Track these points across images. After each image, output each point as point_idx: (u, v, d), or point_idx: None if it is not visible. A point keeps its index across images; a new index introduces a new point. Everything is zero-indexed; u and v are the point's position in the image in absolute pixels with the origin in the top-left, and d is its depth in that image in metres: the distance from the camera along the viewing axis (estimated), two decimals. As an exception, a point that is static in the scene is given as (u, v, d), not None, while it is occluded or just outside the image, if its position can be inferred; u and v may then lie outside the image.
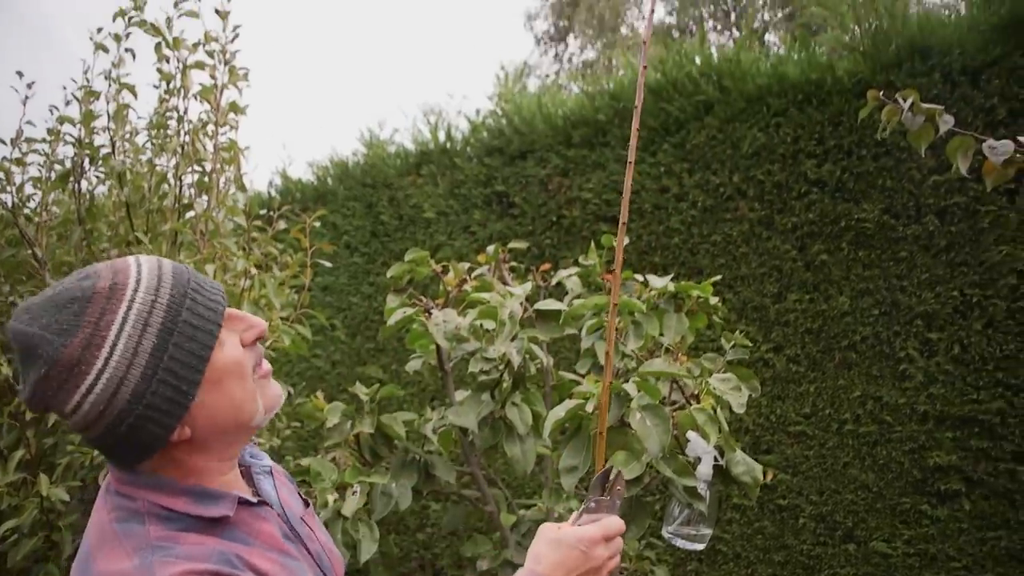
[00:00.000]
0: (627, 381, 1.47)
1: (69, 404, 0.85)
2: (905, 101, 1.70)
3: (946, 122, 1.65)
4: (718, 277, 2.25)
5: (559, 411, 1.44)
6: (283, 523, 0.99)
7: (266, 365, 0.97)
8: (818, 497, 3.06)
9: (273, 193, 4.74)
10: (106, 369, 0.84)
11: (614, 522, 1.08)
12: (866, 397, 2.98)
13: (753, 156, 3.22)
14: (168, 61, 2.57)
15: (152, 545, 0.84)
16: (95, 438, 0.87)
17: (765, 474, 1.62)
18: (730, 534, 3.21)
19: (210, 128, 2.43)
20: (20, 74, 2.62)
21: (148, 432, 0.86)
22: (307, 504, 1.11)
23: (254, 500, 0.96)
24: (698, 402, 1.57)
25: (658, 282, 1.96)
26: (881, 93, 1.75)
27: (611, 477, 1.10)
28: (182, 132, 2.45)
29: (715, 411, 1.51)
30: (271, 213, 2.50)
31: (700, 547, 1.54)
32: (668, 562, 3.24)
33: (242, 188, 2.41)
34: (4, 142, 2.69)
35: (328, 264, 2.52)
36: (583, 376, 1.83)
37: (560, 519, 2.17)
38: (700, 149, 3.33)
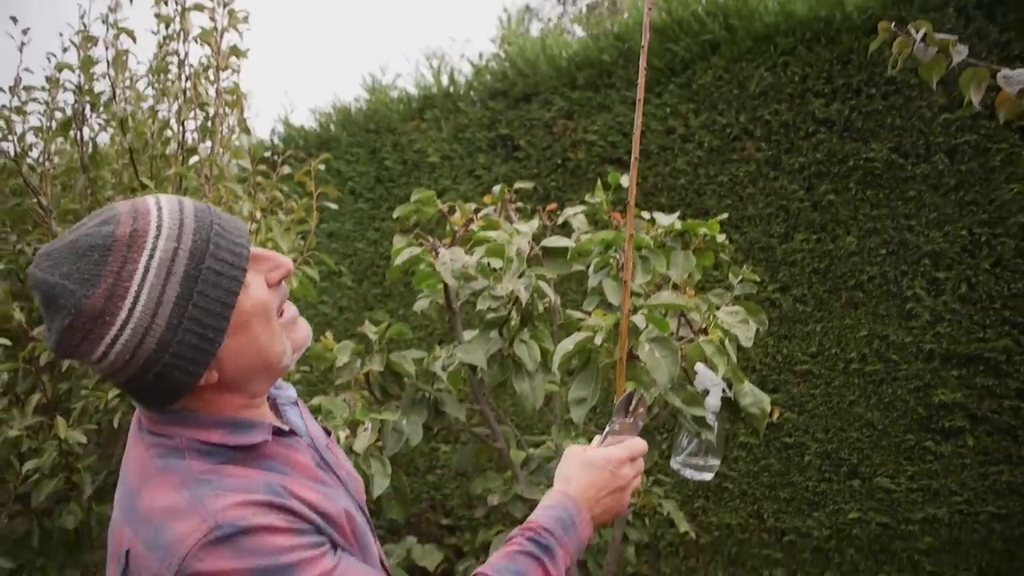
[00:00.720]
0: (635, 314, 1.48)
1: (95, 353, 0.84)
2: (917, 32, 1.67)
3: (959, 52, 1.62)
4: (725, 215, 2.24)
5: (567, 344, 1.46)
6: (314, 452, 1.01)
7: (292, 309, 0.96)
8: (824, 435, 3.09)
9: (275, 141, 4.71)
10: (130, 320, 0.83)
11: (638, 443, 1.10)
12: (872, 336, 2.99)
13: (760, 96, 3.17)
14: (166, 3, 2.53)
15: (198, 479, 0.85)
16: (123, 383, 0.88)
17: (771, 412, 1.64)
18: (736, 471, 3.26)
19: (211, 72, 2.40)
20: (15, 19, 2.59)
21: (175, 379, 0.86)
22: (328, 433, 1.13)
23: (286, 428, 0.97)
24: (706, 335, 1.58)
25: (665, 220, 1.95)
26: (892, 25, 1.72)
27: (633, 400, 1.12)
28: (183, 76, 2.42)
29: (723, 343, 1.52)
30: (275, 158, 2.49)
31: (708, 477, 1.57)
32: (675, 499, 3.30)
33: (246, 131, 2.40)
34: (3, 90, 2.66)
35: (334, 206, 2.51)
36: (590, 314, 1.84)
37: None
38: (706, 89, 3.29)
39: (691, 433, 1.53)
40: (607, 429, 1.13)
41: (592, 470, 1.06)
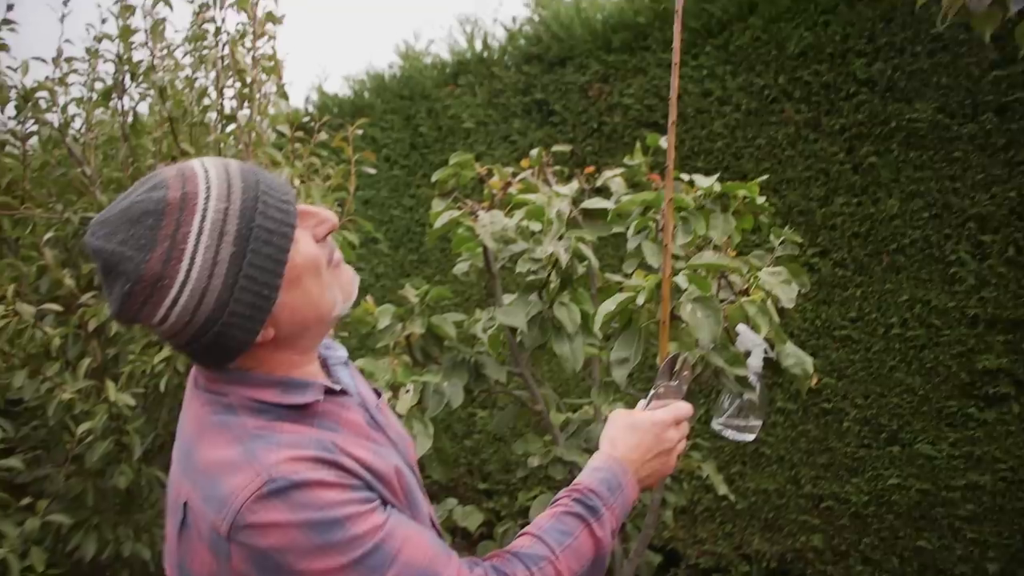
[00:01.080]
0: (677, 275, 1.47)
1: (156, 317, 0.87)
2: (970, -18, 1.62)
3: (1017, 2, 1.56)
4: (765, 177, 2.21)
5: (609, 304, 1.46)
6: (364, 412, 1.02)
7: (337, 253, 0.98)
8: (863, 400, 3.06)
9: (310, 109, 4.73)
10: (188, 282, 0.85)
11: (683, 406, 1.10)
12: (914, 301, 2.94)
13: (799, 56, 3.11)
14: (202, -29, 2.54)
15: (252, 434, 0.87)
16: (183, 344, 0.90)
17: (810, 378, 1.63)
18: (774, 437, 3.25)
19: (248, 39, 2.42)
20: (56, -9, 2.62)
21: (234, 336, 0.88)
22: (379, 395, 1.14)
23: (337, 388, 0.98)
24: (747, 297, 1.57)
25: (704, 181, 1.93)
26: (943, -24, 1.67)
27: (678, 363, 1.12)
28: (220, 44, 2.44)
29: (765, 304, 1.51)
30: (313, 124, 2.50)
31: (750, 438, 1.57)
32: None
33: (284, 96, 2.41)
34: (45, 61, 2.71)
35: (372, 171, 2.52)
36: (629, 277, 1.83)
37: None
38: (744, 51, 3.22)
39: (733, 394, 1.53)
40: (651, 392, 1.12)
41: (637, 433, 1.06)
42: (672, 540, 3.53)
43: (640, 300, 1.46)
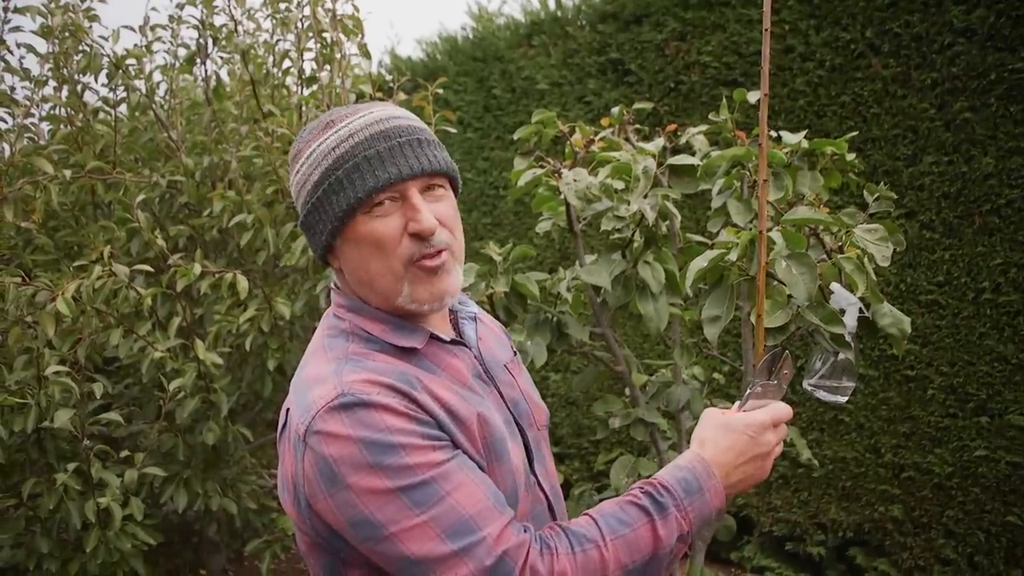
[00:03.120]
0: (771, 231, 1.43)
1: (290, 182, 1.05)
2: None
3: None
4: (855, 133, 2.12)
5: (701, 261, 1.43)
6: (477, 364, 1.05)
7: (433, 262, 0.97)
8: (949, 368, 2.95)
9: (383, 73, 4.75)
10: (298, 173, 1.01)
11: (782, 407, 1.04)
12: (1008, 264, 2.81)
13: (890, 7, 2.96)
14: (281, -66, 2.55)
15: (348, 357, 0.97)
16: (300, 217, 1.03)
17: (906, 338, 1.57)
18: (854, 404, 3.16)
19: (328, 1, 2.43)
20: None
21: (313, 229, 1.00)
22: (515, 353, 1.19)
23: (447, 339, 1.02)
24: (842, 254, 1.52)
25: (792, 138, 1.86)
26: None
27: (778, 361, 1.05)
28: (301, 4, 2.46)
29: (861, 261, 1.46)
30: (392, 84, 2.51)
31: (843, 400, 1.52)
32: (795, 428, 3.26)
33: (367, 55, 2.42)
34: (133, 29, 2.78)
35: (453, 130, 2.53)
36: (715, 236, 1.79)
37: (688, 382, 2.18)
38: (829, 3, 3.09)
39: (826, 353, 1.48)
40: (747, 391, 1.06)
41: (730, 434, 1.00)
42: (746, 507, 3.49)
43: (733, 256, 1.43)
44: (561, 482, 2.49)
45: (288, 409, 0.97)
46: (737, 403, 1.07)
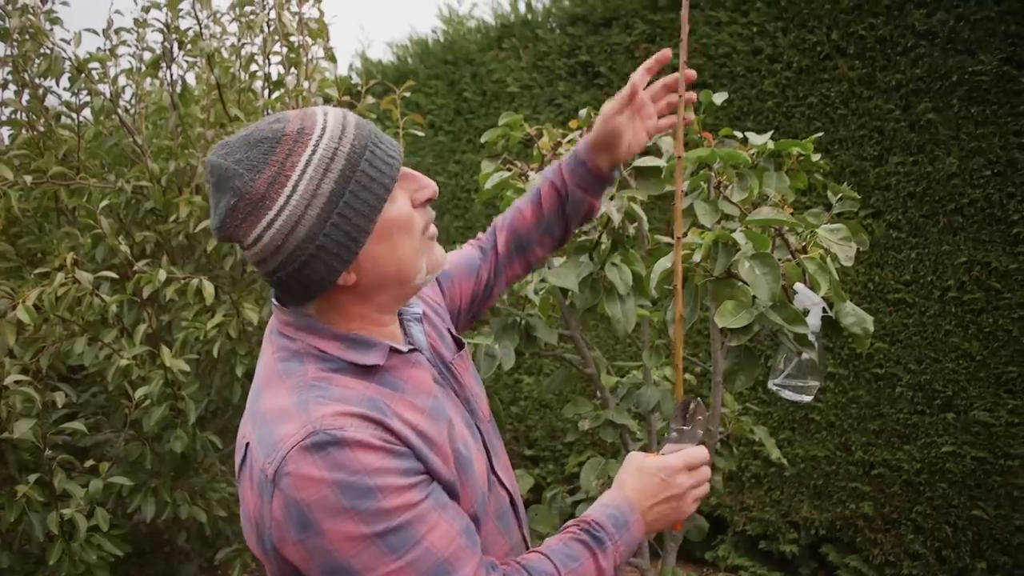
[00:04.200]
0: (734, 231, 1.44)
1: (251, 236, 0.90)
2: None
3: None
4: (820, 134, 2.15)
5: (665, 262, 1.43)
6: (433, 367, 1.04)
7: (432, 229, 0.99)
8: (916, 366, 2.99)
9: (353, 76, 4.73)
10: (287, 206, 0.88)
11: (696, 451, 1.10)
12: (972, 263, 2.85)
13: (854, 10, 3.00)
14: (246, -64, 2.53)
15: (310, 384, 0.90)
16: (270, 272, 0.93)
17: (869, 337, 1.58)
18: (824, 403, 3.20)
19: (294, 3, 2.41)
20: (105, -40, 2.64)
21: (317, 272, 0.90)
22: (460, 346, 1.16)
23: (405, 349, 0.99)
24: (805, 254, 1.53)
25: (758, 139, 1.88)
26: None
27: (692, 407, 1.13)
28: (266, 8, 2.44)
29: (825, 261, 1.47)
30: (359, 89, 2.49)
31: (807, 399, 1.54)
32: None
33: (332, 59, 2.40)
34: (97, 33, 2.74)
35: (421, 134, 2.52)
36: (683, 236, 1.80)
37: (659, 384, 2.19)
38: (796, 6, 3.12)
39: (791, 353, 1.50)
40: (666, 437, 1.14)
41: (644, 477, 1.07)
42: (719, 507, 3.51)
43: (696, 257, 1.43)
44: (533, 485, 2.50)
45: (248, 443, 0.91)
46: (656, 449, 1.14)
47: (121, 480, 2.38)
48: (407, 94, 2.41)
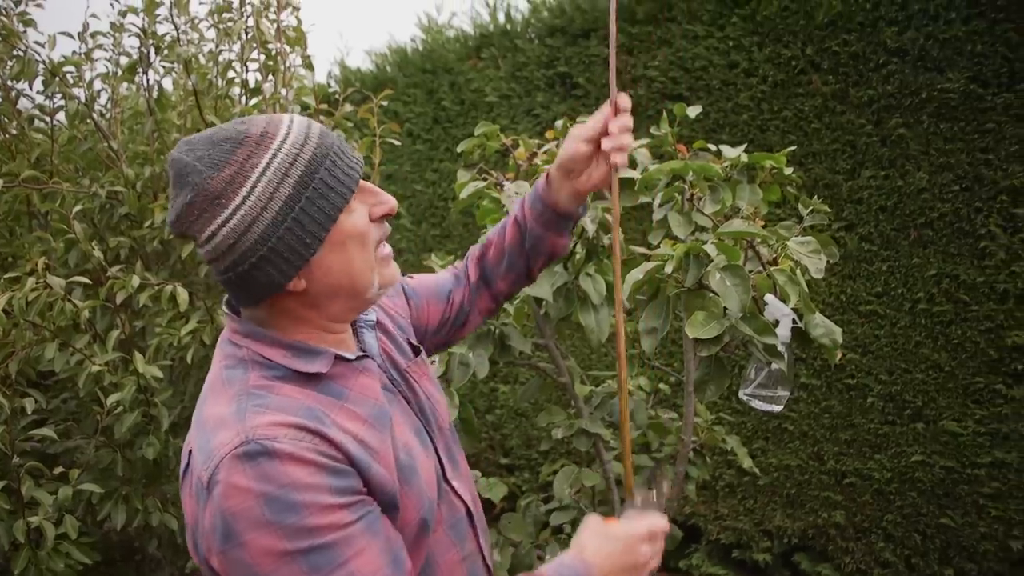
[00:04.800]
0: (705, 243, 1.46)
1: (205, 232, 0.91)
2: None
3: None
4: (793, 148, 2.18)
5: (637, 273, 1.45)
6: (383, 374, 1.03)
7: (388, 248, 1.00)
8: (887, 376, 3.04)
9: (332, 84, 4.72)
10: (242, 206, 0.89)
11: (659, 521, 1.08)
12: (942, 276, 2.91)
13: (828, 26, 3.05)
14: (225, -57, 2.53)
15: (249, 391, 0.90)
16: (221, 271, 0.93)
17: (838, 348, 1.61)
18: (797, 413, 3.23)
19: (272, 11, 2.41)
20: (80, -36, 2.62)
21: (268, 274, 0.91)
22: (417, 352, 1.15)
23: (352, 357, 0.98)
24: (776, 266, 1.56)
25: (731, 152, 1.91)
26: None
27: (656, 475, 1.15)
28: (244, 15, 2.43)
29: (794, 272, 1.49)
30: (337, 96, 2.50)
31: (777, 408, 1.56)
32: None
33: (310, 67, 2.40)
34: (72, 36, 2.72)
35: (397, 142, 2.52)
36: (655, 248, 1.82)
37: (633, 393, 2.21)
38: (771, 21, 3.17)
39: (761, 363, 1.52)
40: (627, 503, 1.13)
41: (608, 542, 1.04)
42: (693, 516, 3.53)
43: (668, 268, 1.45)
44: (507, 494, 2.50)
45: (191, 451, 0.90)
46: (618, 514, 1.13)
47: (91, 487, 2.35)
48: (384, 103, 2.42)
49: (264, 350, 0.94)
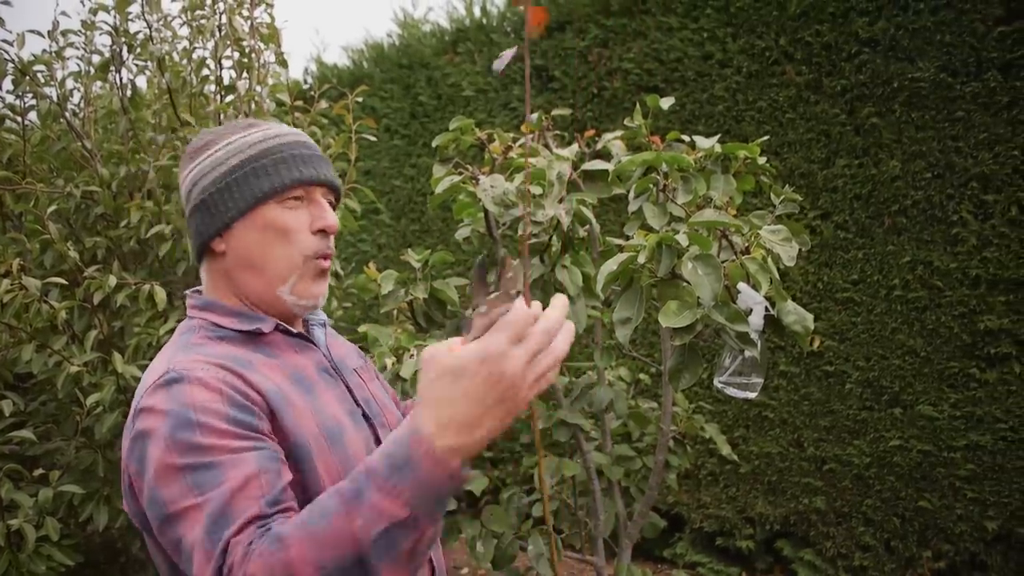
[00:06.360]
0: (678, 233, 1.48)
1: (183, 174, 1.08)
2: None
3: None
4: (766, 138, 2.20)
5: (611, 264, 1.46)
6: (325, 360, 1.10)
7: (326, 263, 1.08)
8: (865, 363, 3.08)
9: (308, 80, 4.71)
10: (204, 161, 1.05)
11: (520, 311, 0.72)
12: (916, 262, 2.95)
13: (801, 17, 3.08)
14: (197, -61, 2.51)
15: (189, 345, 0.99)
16: (186, 213, 1.08)
17: (812, 341, 1.63)
18: (777, 400, 3.27)
19: (246, 8, 2.40)
20: (51, -38, 2.60)
21: (200, 222, 1.04)
22: (367, 362, 1.24)
23: (294, 332, 1.08)
24: (748, 255, 1.57)
25: (705, 143, 1.92)
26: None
27: (494, 269, 0.95)
28: (218, 12, 2.42)
29: (766, 261, 1.51)
30: (312, 93, 2.49)
31: (752, 395, 1.58)
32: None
33: (283, 64, 2.39)
34: (42, 34, 2.69)
35: (373, 139, 2.52)
36: (630, 239, 1.83)
37: (613, 384, 2.23)
38: (745, 12, 3.20)
39: (735, 351, 1.54)
40: (470, 316, 0.76)
41: (459, 381, 0.73)
42: (676, 504, 3.56)
43: (641, 259, 1.46)
44: (491, 487, 2.51)
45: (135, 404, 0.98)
46: (463, 336, 0.77)
47: (72, 488, 2.34)
48: (360, 99, 2.41)
49: (216, 318, 1.04)
